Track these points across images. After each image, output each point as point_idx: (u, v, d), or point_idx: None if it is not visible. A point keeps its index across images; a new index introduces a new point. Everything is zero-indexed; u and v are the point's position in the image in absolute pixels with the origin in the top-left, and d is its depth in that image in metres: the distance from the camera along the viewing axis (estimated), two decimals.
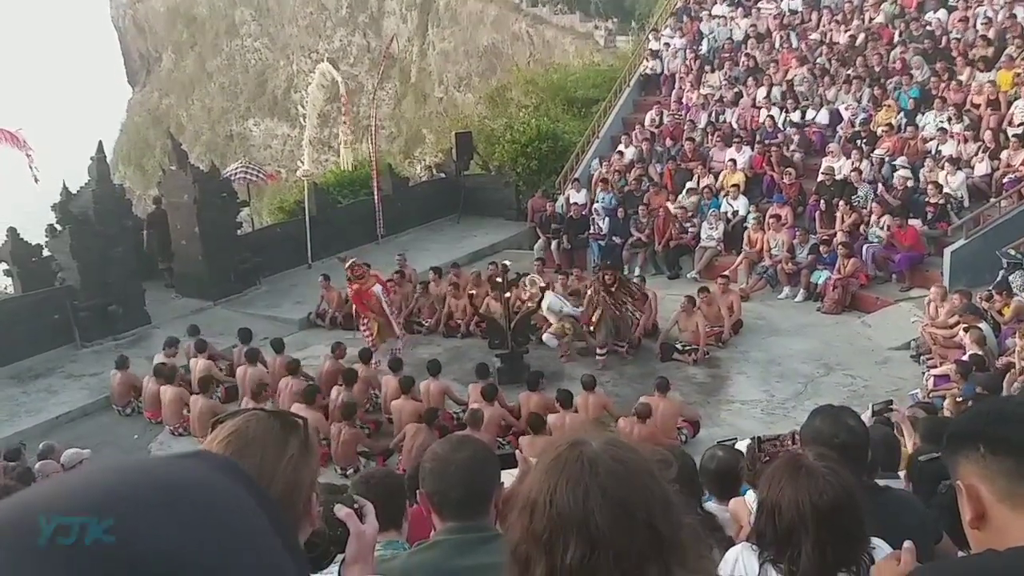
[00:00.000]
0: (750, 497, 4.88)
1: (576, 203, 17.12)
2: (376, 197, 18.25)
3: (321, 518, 1.57)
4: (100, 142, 15.26)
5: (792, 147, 16.51)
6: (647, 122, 18.91)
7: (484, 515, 2.33)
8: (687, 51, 20.23)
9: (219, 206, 15.62)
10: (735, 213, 15.75)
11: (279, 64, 44.02)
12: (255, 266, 16.24)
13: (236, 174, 17.43)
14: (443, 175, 20.88)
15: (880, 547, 2.64)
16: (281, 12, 43.67)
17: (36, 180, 13.18)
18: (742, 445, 6.03)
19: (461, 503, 2.30)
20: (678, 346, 12.45)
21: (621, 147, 18.41)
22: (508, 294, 12.36)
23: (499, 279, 12.76)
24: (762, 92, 17.88)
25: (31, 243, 14.78)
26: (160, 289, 15.92)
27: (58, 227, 14.34)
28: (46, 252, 14.75)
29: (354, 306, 13.08)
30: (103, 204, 14.21)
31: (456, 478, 2.29)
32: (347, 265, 12.83)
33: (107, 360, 13.14)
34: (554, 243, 16.76)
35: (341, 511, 1.65)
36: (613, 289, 12.44)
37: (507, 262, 13.92)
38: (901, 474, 4.87)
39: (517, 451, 2.66)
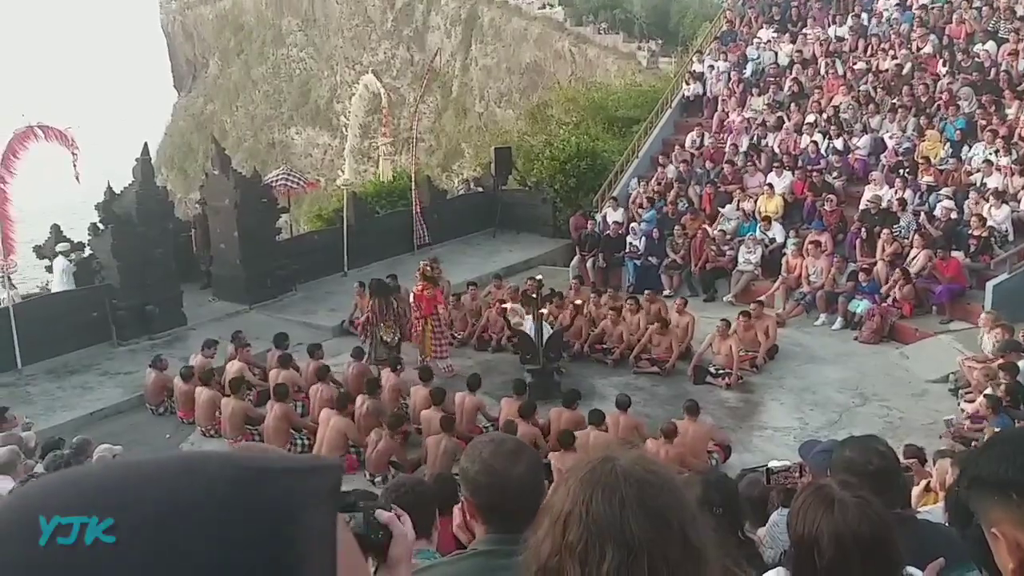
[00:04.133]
0: (773, 522, 4.85)
1: (614, 222, 17.09)
2: (417, 208, 18.34)
3: (361, 523, 1.57)
4: (145, 144, 15.50)
5: (834, 174, 16.37)
6: (687, 144, 18.86)
7: (531, 525, 2.31)
8: (731, 74, 20.18)
9: (259, 211, 15.79)
10: (772, 240, 15.64)
11: (323, 74, 44.57)
12: (292, 272, 16.37)
13: (277, 181, 17.62)
14: (480, 189, 20.95)
15: (915, 574, 2.62)
16: (327, 23, 44.25)
17: (78, 180, 13.40)
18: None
19: (516, 516, 2.26)
20: (711, 369, 12.35)
21: (662, 166, 18.39)
22: (543, 310, 12.33)
23: (533, 295, 12.74)
24: (806, 118, 17.77)
25: (73, 241, 15.03)
26: (197, 291, 16.10)
27: (101, 226, 14.57)
28: (88, 250, 14.99)
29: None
30: (146, 205, 14.42)
31: (515, 492, 2.24)
32: (428, 263, 13.01)
33: (142, 359, 13.29)
34: (589, 261, 16.73)
35: (383, 515, 1.66)
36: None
37: (540, 277, 13.91)
38: (939, 507, 4.80)
39: (554, 464, 2.63)
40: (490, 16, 37.56)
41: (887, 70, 18.30)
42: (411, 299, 13.05)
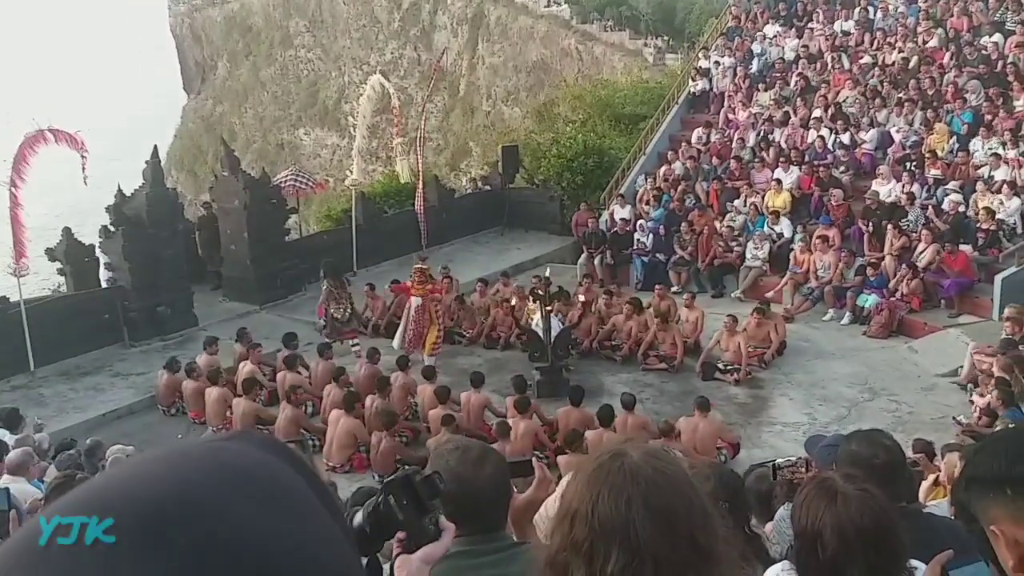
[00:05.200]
0: (779, 517, 4.87)
1: (621, 219, 17.10)
2: (420, 208, 18.35)
3: (374, 513, 1.62)
4: (155, 146, 15.58)
5: (841, 168, 16.35)
6: (694, 140, 18.85)
7: (504, 526, 2.35)
8: (737, 70, 20.16)
9: (268, 212, 15.87)
10: (780, 235, 15.62)
11: (331, 75, 44.64)
12: (301, 272, 16.42)
13: (286, 181, 17.67)
14: (488, 188, 20.98)
15: (920, 568, 2.62)
16: (335, 24, 44.32)
17: (85, 182, 13.47)
18: None
19: (487, 518, 2.31)
20: (720, 365, 12.36)
21: (668, 162, 18.40)
22: (549, 307, 12.36)
23: (541, 292, 12.77)
24: (812, 112, 17.75)
25: (85, 243, 15.12)
26: (208, 292, 16.17)
27: (111, 228, 14.66)
28: (99, 252, 15.07)
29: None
30: (156, 207, 14.50)
31: (485, 497, 2.28)
32: (418, 266, 13.22)
33: (154, 360, 13.39)
34: (597, 258, 16.74)
35: (444, 521, 1.74)
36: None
37: (547, 274, 13.92)
38: (945, 501, 4.82)
39: (533, 459, 2.63)
40: (496, 15, 37.55)
41: (893, 64, 18.26)
42: (415, 305, 12.97)
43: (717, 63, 20.59)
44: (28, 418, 10.40)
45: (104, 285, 14.94)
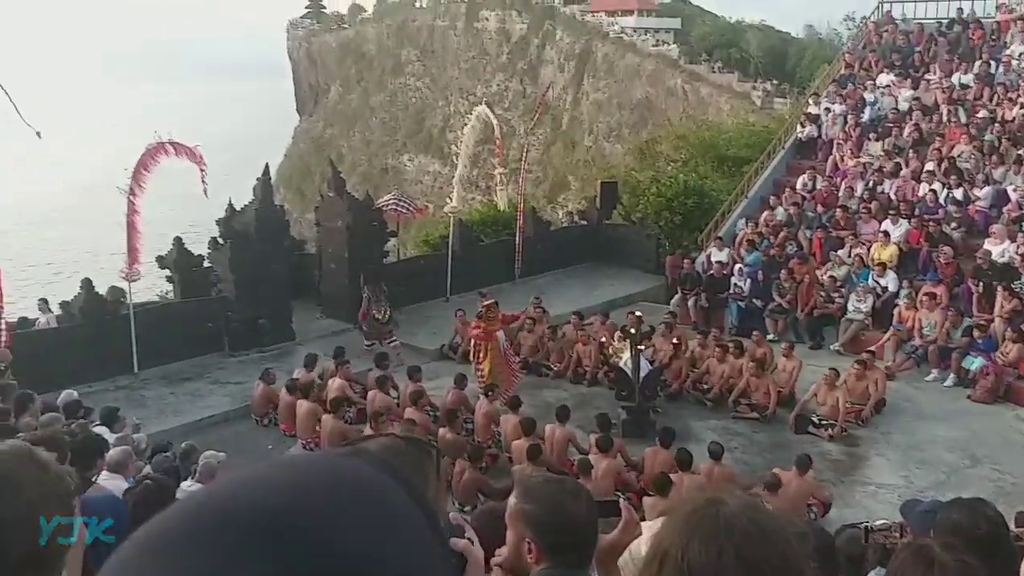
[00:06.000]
0: None
1: (718, 262, 16.87)
2: (518, 239, 18.51)
3: None
4: (267, 164, 16.12)
5: (952, 225, 15.79)
6: (799, 186, 18.51)
7: (590, 564, 2.36)
8: (847, 117, 19.76)
9: (369, 234, 16.22)
10: (884, 289, 15.15)
11: (438, 104, 45.62)
12: (396, 295, 16.69)
13: (388, 205, 18.05)
14: (584, 222, 21.01)
15: None
16: (444, 54, 45.33)
17: (205, 194, 13.98)
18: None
19: (578, 551, 2.31)
20: (814, 419, 12.00)
21: (771, 207, 18.09)
22: (641, 346, 12.24)
23: (632, 330, 12.65)
24: (925, 165, 17.22)
25: (194, 253, 15.71)
26: (308, 308, 16.57)
27: (220, 241, 15.18)
28: (207, 263, 15.64)
29: (474, 342, 13.26)
30: (264, 223, 14.99)
31: (580, 529, 2.29)
32: (486, 303, 13.10)
33: (251, 370, 13.77)
34: (691, 300, 16.54)
35: (457, 543, 1.69)
36: None
37: (639, 313, 13.80)
38: None
39: (622, 500, 2.60)
40: (604, 52, 37.83)
41: (1013, 120, 17.61)
42: (502, 342, 13.01)
43: (828, 109, 20.22)
44: (127, 418, 10.82)
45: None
